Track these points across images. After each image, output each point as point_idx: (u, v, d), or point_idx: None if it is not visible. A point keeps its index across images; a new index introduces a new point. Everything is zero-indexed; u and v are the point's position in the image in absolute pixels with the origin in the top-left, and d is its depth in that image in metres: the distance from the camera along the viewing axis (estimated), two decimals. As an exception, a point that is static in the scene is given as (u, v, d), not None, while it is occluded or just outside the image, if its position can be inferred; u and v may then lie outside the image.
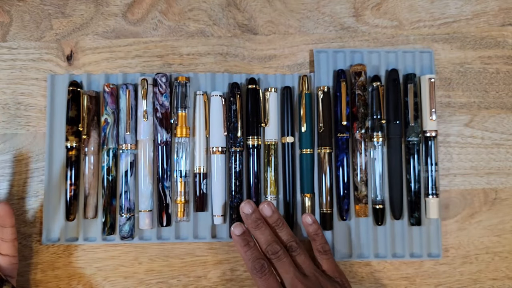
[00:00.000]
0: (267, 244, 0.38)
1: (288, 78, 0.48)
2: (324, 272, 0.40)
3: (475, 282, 0.47)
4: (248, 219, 0.39)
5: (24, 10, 0.49)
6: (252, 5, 0.49)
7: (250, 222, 0.39)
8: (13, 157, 0.47)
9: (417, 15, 0.50)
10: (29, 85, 0.48)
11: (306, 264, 0.39)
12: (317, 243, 0.41)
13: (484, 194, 0.48)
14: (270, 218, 0.40)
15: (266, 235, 0.39)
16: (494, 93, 0.49)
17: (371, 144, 0.47)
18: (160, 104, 0.45)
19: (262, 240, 0.39)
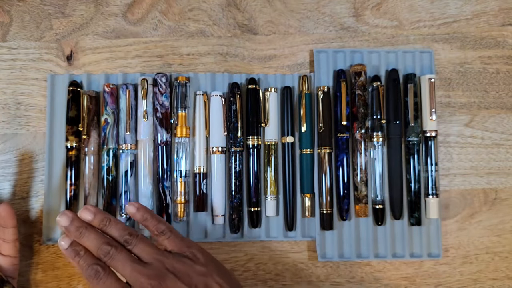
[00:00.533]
0: (97, 248, 0.36)
1: (288, 78, 0.48)
2: (171, 252, 0.37)
3: (475, 282, 0.47)
4: (68, 231, 0.37)
5: (24, 10, 0.49)
6: (252, 5, 0.49)
7: (73, 233, 0.37)
8: (13, 157, 0.47)
9: (417, 15, 0.50)
10: (29, 85, 0.48)
11: (146, 252, 0.36)
12: (150, 227, 0.38)
13: (484, 194, 0.48)
14: (94, 221, 0.37)
15: (92, 240, 0.36)
16: (494, 93, 0.49)
17: (371, 144, 0.47)
18: (160, 104, 0.45)
19: (90, 246, 0.36)
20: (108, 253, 0.35)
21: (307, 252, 0.47)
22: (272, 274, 0.47)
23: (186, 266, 0.35)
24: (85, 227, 0.37)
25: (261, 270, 0.47)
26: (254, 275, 0.46)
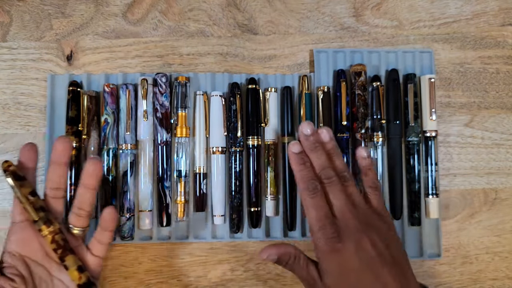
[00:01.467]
0: (322, 168, 0.37)
1: (288, 78, 0.48)
2: (372, 208, 0.38)
3: (475, 282, 0.47)
4: (306, 140, 0.38)
5: (24, 10, 0.49)
6: (252, 5, 0.49)
7: (308, 144, 0.38)
8: (13, 157, 0.47)
9: (417, 15, 0.50)
10: (29, 85, 0.48)
11: (356, 196, 0.37)
12: (368, 177, 0.39)
13: (484, 194, 0.48)
14: (327, 144, 0.38)
15: (322, 160, 0.37)
16: (494, 93, 0.49)
17: (371, 144, 0.47)
18: (160, 104, 0.45)
19: (317, 163, 0.37)
20: (331, 178, 0.36)
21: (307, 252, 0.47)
22: (272, 274, 0.47)
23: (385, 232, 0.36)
24: (320, 145, 0.38)
25: (261, 270, 0.47)
26: (254, 275, 0.46)
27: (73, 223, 0.36)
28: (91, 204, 0.36)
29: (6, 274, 0.32)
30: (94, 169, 0.35)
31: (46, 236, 0.33)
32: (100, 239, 0.37)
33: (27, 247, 0.34)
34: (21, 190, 0.33)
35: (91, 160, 0.35)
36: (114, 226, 0.37)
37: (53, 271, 0.34)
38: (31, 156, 0.35)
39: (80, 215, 0.35)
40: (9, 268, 0.33)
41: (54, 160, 0.35)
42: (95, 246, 0.37)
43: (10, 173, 0.33)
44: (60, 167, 0.35)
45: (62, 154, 0.35)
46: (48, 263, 0.34)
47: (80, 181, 0.35)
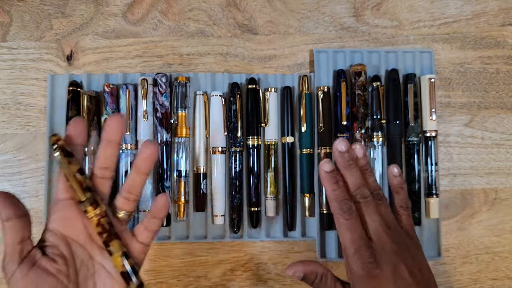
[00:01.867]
0: (357, 187, 0.35)
1: (288, 78, 0.48)
2: (404, 229, 0.37)
3: (475, 282, 0.47)
4: (341, 157, 0.36)
5: (24, 10, 0.49)
6: (252, 5, 0.49)
7: (343, 161, 0.36)
8: (13, 157, 0.47)
9: (417, 15, 0.50)
10: (29, 85, 0.48)
11: (390, 216, 0.36)
12: (400, 197, 0.38)
13: (484, 194, 0.48)
14: (360, 160, 0.37)
15: (357, 177, 0.36)
16: (494, 93, 0.49)
17: (371, 144, 0.47)
18: (160, 104, 0.45)
19: (352, 181, 0.36)
20: (367, 198, 0.35)
21: (307, 252, 0.47)
22: (272, 274, 0.47)
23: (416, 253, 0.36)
24: (354, 161, 0.36)
25: (261, 270, 0.47)
26: (254, 275, 0.46)
27: (120, 206, 0.34)
28: (141, 189, 0.34)
29: (48, 253, 0.31)
30: (150, 153, 0.32)
31: (92, 218, 0.31)
32: (148, 226, 0.34)
33: (70, 227, 0.32)
34: (69, 167, 0.31)
35: (147, 143, 0.33)
36: (165, 214, 0.35)
37: (95, 255, 0.32)
38: (80, 131, 0.32)
39: (128, 198, 0.33)
40: (51, 248, 0.31)
41: (106, 138, 0.32)
42: (141, 233, 0.34)
43: (59, 148, 0.30)
44: (111, 146, 0.32)
45: (115, 133, 0.32)
46: (90, 247, 0.32)
47: (134, 164, 0.33)
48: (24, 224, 0.30)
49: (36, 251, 0.30)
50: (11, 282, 0.29)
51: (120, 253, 0.31)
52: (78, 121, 0.32)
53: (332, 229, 0.46)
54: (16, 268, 0.29)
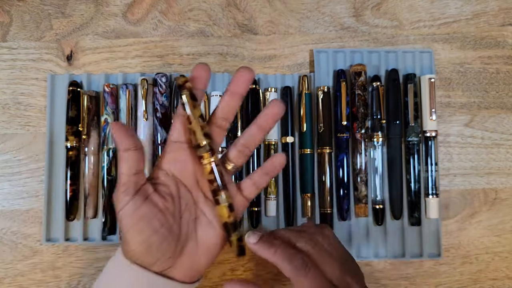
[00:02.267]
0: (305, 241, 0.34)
1: (288, 78, 0.48)
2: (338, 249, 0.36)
3: (475, 282, 0.47)
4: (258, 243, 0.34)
5: (24, 10, 0.49)
6: (252, 5, 0.49)
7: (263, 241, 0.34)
8: (13, 157, 0.47)
9: (417, 15, 0.50)
10: (29, 85, 0.48)
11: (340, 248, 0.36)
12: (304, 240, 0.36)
13: (484, 194, 0.48)
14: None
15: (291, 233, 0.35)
16: (494, 93, 0.49)
17: (371, 144, 0.47)
18: (160, 104, 0.45)
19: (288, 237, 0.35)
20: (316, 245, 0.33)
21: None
22: (272, 274, 0.47)
23: None
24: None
25: (261, 270, 0.47)
26: (254, 275, 0.46)
27: (232, 158, 0.33)
28: (255, 147, 0.33)
29: (159, 191, 0.31)
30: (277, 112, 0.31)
31: (206, 165, 0.30)
32: (257, 181, 0.33)
33: (181, 169, 0.31)
34: (193, 111, 0.30)
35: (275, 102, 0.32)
36: (278, 172, 0.34)
37: (199, 201, 0.32)
38: (204, 75, 0.31)
39: (243, 152, 0.32)
40: (162, 186, 0.31)
41: (231, 89, 0.31)
42: (248, 187, 0.33)
43: (187, 90, 0.30)
44: (235, 98, 0.32)
45: (242, 85, 0.31)
46: (196, 192, 0.32)
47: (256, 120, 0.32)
48: (140, 156, 0.30)
49: (149, 186, 0.30)
50: (121, 213, 0.29)
51: (226, 204, 0.31)
52: (204, 66, 0.31)
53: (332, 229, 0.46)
54: (130, 199, 0.29)
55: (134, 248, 0.29)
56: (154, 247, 0.29)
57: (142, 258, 0.30)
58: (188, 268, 0.31)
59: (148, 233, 0.29)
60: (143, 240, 0.29)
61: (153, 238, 0.29)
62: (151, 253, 0.29)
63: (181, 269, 0.31)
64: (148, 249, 0.29)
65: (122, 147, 0.29)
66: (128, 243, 0.29)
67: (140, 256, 0.30)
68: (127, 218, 0.29)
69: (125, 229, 0.29)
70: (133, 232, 0.29)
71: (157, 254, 0.30)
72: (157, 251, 0.29)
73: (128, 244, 0.29)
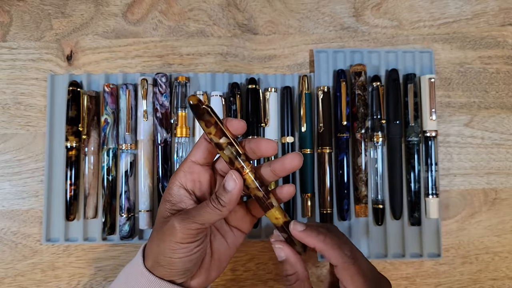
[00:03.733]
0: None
1: (288, 78, 0.48)
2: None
3: (475, 282, 0.47)
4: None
5: (24, 10, 0.49)
6: (252, 5, 0.49)
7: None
8: (13, 157, 0.47)
9: (417, 15, 0.50)
10: (29, 85, 0.48)
11: None
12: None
13: (484, 194, 0.48)
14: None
15: None
16: (494, 93, 0.49)
17: (371, 144, 0.47)
18: (160, 104, 0.45)
19: None
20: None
21: (307, 252, 0.47)
22: (272, 274, 0.47)
23: None
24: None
25: (261, 270, 0.47)
26: (254, 275, 0.46)
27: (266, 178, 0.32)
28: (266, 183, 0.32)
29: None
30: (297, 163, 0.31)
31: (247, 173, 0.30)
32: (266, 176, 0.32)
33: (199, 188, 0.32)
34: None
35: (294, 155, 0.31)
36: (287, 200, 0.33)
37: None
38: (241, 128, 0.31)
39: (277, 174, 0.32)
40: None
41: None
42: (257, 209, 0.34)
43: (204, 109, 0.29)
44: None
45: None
46: None
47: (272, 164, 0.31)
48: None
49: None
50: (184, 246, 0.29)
51: (277, 205, 0.31)
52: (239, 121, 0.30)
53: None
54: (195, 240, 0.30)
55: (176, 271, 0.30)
56: (191, 269, 0.31)
57: (174, 276, 0.30)
58: (203, 281, 0.33)
59: (197, 261, 0.31)
60: (189, 267, 0.30)
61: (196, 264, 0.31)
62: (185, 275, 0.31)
63: (196, 281, 0.32)
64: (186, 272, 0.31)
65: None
66: (172, 266, 0.30)
67: (174, 275, 0.30)
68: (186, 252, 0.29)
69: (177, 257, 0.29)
70: (185, 261, 0.30)
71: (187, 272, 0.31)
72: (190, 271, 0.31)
73: (171, 266, 0.30)
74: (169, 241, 0.29)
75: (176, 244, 0.29)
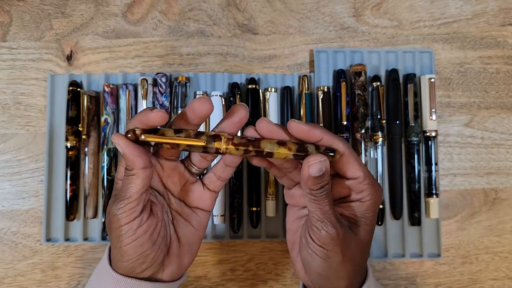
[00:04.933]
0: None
1: (288, 78, 0.48)
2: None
3: (475, 282, 0.47)
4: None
5: (24, 10, 0.49)
6: (252, 5, 0.49)
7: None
8: (13, 157, 0.47)
9: (417, 15, 0.50)
10: (29, 85, 0.48)
11: None
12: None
13: (484, 194, 0.48)
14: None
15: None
16: (494, 93, 0.49)
17: (371, 144, 0.47)
18: (160, 104, 0.45)
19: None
20: None
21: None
22: (272, 274, 0.47)
23: None
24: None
25: (261, 270, 0.47)
26: (254, 275, 0.46)
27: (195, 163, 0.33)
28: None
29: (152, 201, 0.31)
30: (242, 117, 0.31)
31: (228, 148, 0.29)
32: (221, 176, 0.33)
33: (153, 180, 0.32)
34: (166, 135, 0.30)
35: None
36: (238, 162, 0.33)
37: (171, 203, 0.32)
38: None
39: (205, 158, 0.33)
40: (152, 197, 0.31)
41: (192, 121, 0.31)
42: (213, 182, 0.33)
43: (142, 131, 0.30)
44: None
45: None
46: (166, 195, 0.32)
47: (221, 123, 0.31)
48: (152, 174, 0.30)
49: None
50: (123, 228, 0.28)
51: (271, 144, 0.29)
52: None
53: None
54: (137, 216, 0.29)
55: (131, 261, 0.29)
56: (150, 257, 0.30)
57: (135, 268, 0.30)
58: (175, 269, 0.32)
59: (148, 245, 0.29)
60: (141, 253, 0.29)
61: (152, 249, 0.29)
62: (145, 263, 0.30)
63: (168, 270, 0.31)
64: (145, 260, 0.29)
65: (139, 166, 0.28)
66: (124, 256, 0.29)
67: (133, 267, 0.29)
68: (131, 233, 0.28)
69: (124, 243, 0.29)
70: (133, 246, 0.29)
71: (151, 262, 0.30)
72: (152, 259, 0.30)
73: (124, 257, 0.29)
74: (113, 230, 0.28)
75: (118, 229, 0.28)
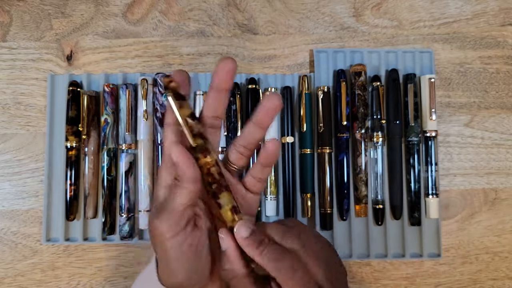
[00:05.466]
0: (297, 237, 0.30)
1: (288, 78, 0.48)
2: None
3: (475, 282, 0.47)
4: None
5: (24, 10, 0.49)
6: (252, 5, 0.49)
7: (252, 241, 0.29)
8: (13, 157, 0.47)
9: (417, 15, 0.50)
10: (29, 85, 0.48)
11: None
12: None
13: (484, 194, 0.48)
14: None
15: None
16: (494, 93, 0.49)
17: (371, 144, 0.47)
18: (160, 104, 0.45)
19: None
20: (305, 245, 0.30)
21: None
22: (272, 274, 0.46)
23: None
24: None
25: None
26: (254, 275, 0.46)
27: (233, 161, 0.30)
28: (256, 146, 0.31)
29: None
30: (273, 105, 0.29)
31: (202, 166, 0.28)
32: (257, 175, 0.31)
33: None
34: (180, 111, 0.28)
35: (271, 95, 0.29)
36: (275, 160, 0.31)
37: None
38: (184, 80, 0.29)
39: (243, 154, 0.30)
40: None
41: (215, 85, 0.29)
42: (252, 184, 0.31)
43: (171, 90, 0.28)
44: (221, 94, 0.29)
45: (225, 78, 0.29)
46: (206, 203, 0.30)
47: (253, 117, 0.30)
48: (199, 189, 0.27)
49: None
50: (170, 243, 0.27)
51: (230, 206, 0.28)
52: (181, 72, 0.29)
53: (332, 229, 0.46)
54: (181, 230, 0.27)
55: (181, 277, 0.28)
56: (199, 271, 0.28)
57: (185, 284, 0.28)
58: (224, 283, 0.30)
59: (195, 259, 0.28)
60: (190, 268, 0.28)
61: (199, 263, 0.28)
62: (194, 278, 0.28)
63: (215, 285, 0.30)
64: (194, 275, 0.28)
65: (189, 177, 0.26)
66: (174, 272, 0.28)
67: (183, 283, 0.28)
68: (177, 249, 0.27)
69: (172, 259, 0.27)
70: (181, 261, 0.27)
71: (200, 277, 0.28)
72: (201, 274, 0.28)
73: (174, 274, 0.28)
74: (159, 243, 0.27)
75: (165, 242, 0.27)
